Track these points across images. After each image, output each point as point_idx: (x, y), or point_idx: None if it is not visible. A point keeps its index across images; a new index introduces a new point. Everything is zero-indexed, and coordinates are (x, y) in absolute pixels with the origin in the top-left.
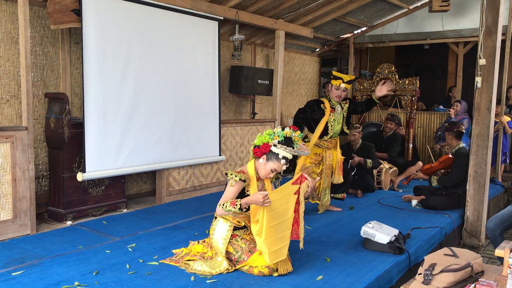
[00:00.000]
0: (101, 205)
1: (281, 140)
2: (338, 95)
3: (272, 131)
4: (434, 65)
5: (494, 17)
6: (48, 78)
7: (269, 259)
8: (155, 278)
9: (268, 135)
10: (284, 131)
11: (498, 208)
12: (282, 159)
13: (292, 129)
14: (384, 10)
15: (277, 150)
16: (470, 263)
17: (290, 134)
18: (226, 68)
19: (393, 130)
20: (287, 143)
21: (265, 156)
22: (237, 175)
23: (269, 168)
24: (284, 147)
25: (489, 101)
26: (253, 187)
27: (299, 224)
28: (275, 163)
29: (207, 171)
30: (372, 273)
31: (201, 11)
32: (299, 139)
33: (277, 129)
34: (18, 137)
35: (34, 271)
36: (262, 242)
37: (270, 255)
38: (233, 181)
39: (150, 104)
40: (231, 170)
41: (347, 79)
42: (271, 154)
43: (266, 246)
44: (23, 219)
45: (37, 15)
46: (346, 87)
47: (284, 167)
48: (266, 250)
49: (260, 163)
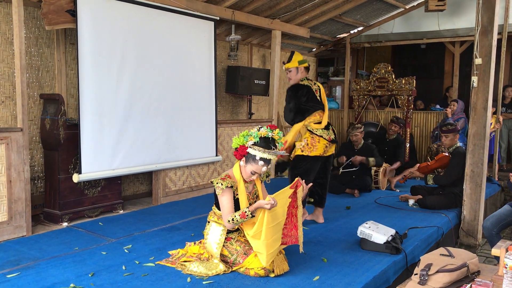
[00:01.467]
0: (97, 206)
1: (256, 141)
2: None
3: (247, 132)
4: (430, 65)
5: (490, 17)
6: (43, 79)
7: (266, 261)
8: (151, 279)
9: (243, 136)
10: (260, 131)
11: (495, 207)
12: (260, 160)
13: (270, 128)
14: (380, 10)
15: (254, 152)
16: (466, 263)
17: (266, 134)
18: (222, 69)
19: (397, 133)
20: (264, 143)
21: (244, 159)
22: (223, 183)
23: (249, 171)
24: (260, 148)
25: (485, 101)
26: (240, 190)
27: (298, 229)
28: (253, 165)
29: (203, 171)
30: (369, 273)
31: (197, 11)
32: (281, 137)
33: (253, 129)
34: (13, 139)
35: (30, 273)
36: (262, 243)
37: (268, 256)
38: (220, 190)
39: (146, 105)
40: (216, 177)
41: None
42: (248, 156)
43: (265, 248)
44: (19, 221)
45: (32, 15)
46: (285, 67)
47: (264, 168)
48: (264, 252)
49: (241, 165)
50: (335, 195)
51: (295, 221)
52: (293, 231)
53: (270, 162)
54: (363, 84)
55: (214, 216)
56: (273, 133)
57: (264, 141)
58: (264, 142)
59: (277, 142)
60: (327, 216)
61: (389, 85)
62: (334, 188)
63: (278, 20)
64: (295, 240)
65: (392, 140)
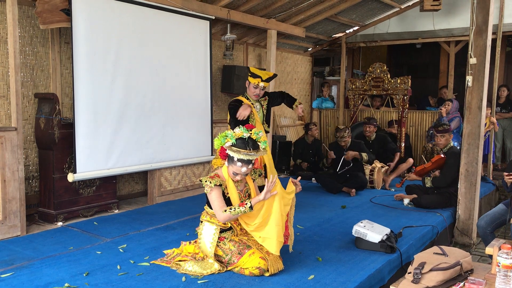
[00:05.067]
0: (92, 206)
1: (233, 142)
2: (257, 94)
3: (225, 133)
4: (426, 64)
5: (485, 16)
6: (38, 78)
7: (275, 246)
8: (146, 279)
9: (221, 137)
10: (235, 132)
11: (490, 206)
12: (238, 161)
13: (246, 128)
14: (376, 10)
15: (232, 154)
16: (459, 262)
17: (242, 134)
18: (218, 68)
19: (375, 132)
20: (242, 144)
21: (226, 159)
22: (212, 181)
23: (231, 172)
24: (237, 149)
25: (480, 100)
26: (230, 189)
27: (289, 228)
28: (233, 167)
29: (199, 171)
30: (364, 272)
31: (192, 10)
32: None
33: (230, 130)
34: (7, 138)
35: (24, 272)
36: (271, 227)
37: (277, 242)
38: (208, 188)
39: (141, 104)
40: (204, 176)
41: (265, 77)
42: (228, 158)
43: (276, 233)
44: (13, 221)
45: (26, 14)
46: (265, 85)
47: (243, 169)
48: (274, 236)
49: (227, 166)
50: (331, 194)
51: (286, 220)
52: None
53: (250, 162)
54: (359, 84)
55: (207, 215)
56: (250, 133)
57: (241, 142)
58: (241, 143)
59: (258, 141)
60: (322, 216)
61: (384, 85)
62: (331, 187)
63: (274, 19)
64: (285, 240)
65: (374, 140)
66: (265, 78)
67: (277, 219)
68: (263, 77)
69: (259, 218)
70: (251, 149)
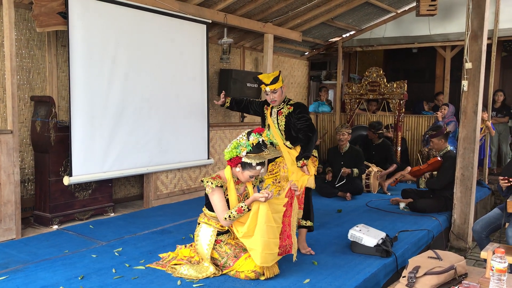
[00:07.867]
0: (88, 209)
1: (249, 150)
2: (272, 100)
3: (237, 143)
4: (422, 69)
5: (480, 22)
6: (34, 81)
7: (260, 259)
8: (141, 282)
9: (235, 149)
10: (250, 140)
11: (486, 210)
12: (257, 166)
13: (258, 133)
14: (372, 14)
15: (250, 160)
16: (453, 266)
17: (257, 140)
18: (215, 72)
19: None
20: (257, 149)
21: (240, 165)
22: (213, 182)
23: (247, 176)
24: (255, 155)
25: (475, 105)
26: (230, 191)
27: (292, 237)
28: (251, 171)
29: (195, 174)
30: (359, 276)
31: (189, 14)
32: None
33: (242, 139)
34: (3, 141)
35: (19, 276)
36: (256, 239)
37: (262, 254)
38: (209, 189)
39: (138, 107)
40: (206, 176)
41: (268, 80)
42: (244, 164)
43: (261, 245)
44: (8, 224)
45: (23, 17)
46: (271, 88)
47: (262, 170)
48: (259, 248)
49: (238, 171)
50: (327, 199)
51: (288, 230)
52: (287, 240)
53: (265, 162)
54: (355, 88)
55: (205, 217)
56: (262, 137)
57: (256, 148)
58: (257, 149)
59: (267, 141)
60: (318, 220)
61: (381, 89)
62: (326, 192)
63: (271, 23)
64: (289, 249)
65: (379, 144)
66: (268, 82)
67: (262, 231)
68: (266, 81)
69: (245, 228)
70: (265, 149)
